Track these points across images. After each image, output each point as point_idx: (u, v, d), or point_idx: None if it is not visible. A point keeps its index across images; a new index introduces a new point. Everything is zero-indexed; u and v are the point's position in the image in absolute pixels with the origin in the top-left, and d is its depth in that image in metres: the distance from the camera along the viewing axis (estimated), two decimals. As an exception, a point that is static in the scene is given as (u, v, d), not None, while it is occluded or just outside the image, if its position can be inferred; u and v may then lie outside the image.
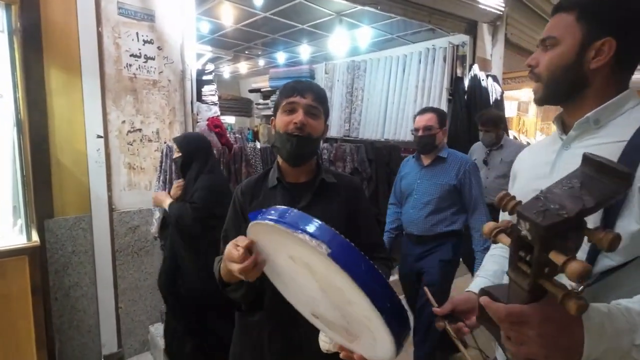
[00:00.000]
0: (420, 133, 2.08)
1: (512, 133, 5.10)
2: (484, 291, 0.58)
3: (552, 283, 0.46)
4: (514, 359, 0.54)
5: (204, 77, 2.89)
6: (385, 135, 4.62)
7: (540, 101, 0.82)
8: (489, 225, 0.54)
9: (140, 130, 2.36)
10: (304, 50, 5.70)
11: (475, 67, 4.01)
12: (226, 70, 7.79)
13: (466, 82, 4.02)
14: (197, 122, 2.65)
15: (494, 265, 0.93)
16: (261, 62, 7.01)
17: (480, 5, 3.83)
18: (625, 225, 0.62)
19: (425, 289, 0.91)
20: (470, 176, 2.06)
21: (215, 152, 2.42)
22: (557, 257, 0.44)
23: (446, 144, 2.18)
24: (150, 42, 2.36)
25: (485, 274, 0.91)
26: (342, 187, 1.05)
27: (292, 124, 0.96)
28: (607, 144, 0.70)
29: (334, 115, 5.35)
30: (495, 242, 0.53)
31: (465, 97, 4.00)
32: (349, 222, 1.01)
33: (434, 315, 0.79)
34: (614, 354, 0.51)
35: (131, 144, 2.34)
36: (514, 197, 0.52)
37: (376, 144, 3.62)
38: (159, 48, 2.39)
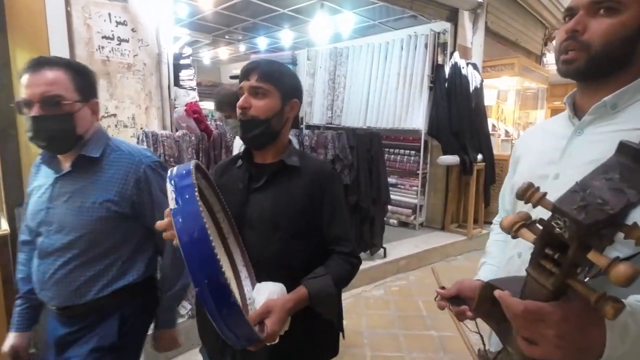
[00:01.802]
0: (34, 111, 0.98)
1: (491, 121, 5.18)
2: (490, 286, 0.55)
3: (583, 285, 0.42)
4: (527, 356, 0.49)
5: (182, 61, 2.82)
6: (368, 123, 4.63)
7: (575, 73, 0.67)
8: (509, 219, 0.48)
9: (114, 115, 2.29)
10: (286, 36, 5.62)
11: (456, 54, 4.04)
12: (206, 56, 7.61)
13: (447, 70, 4.06)
14: (175, 107, 2.59)
15: (500, 252, 0.87)
16: (242, 48, 6.88)
17: (461, -7, 3.84)
18: (638, 217, 0.59)
19: (432, 268, 0.91)
20: (149, 187, 1.11)
21: (193, 138, 2.37)
22: (598, 259, 0.39)
23: (103, 133, 1.19)
24: (124, 23, 2.26)
25: (493, 261, 0.86)
26: (308, 171, 1.00)
27: (238, 109, 0.95)
28: (625, 130, 0.62)
29: (317, 102, 5.32)
30: (515, 237, 0.48)
31: (446, 85, 4.04)
32: (312, 209, 0.98)
33: None
34: (635, 356, 0.47)
35: (105, 130, 2.26)
36: (538, 189, 0.46)
37: (357, 131, 3.63)
38: (133, 30, 2.30)
